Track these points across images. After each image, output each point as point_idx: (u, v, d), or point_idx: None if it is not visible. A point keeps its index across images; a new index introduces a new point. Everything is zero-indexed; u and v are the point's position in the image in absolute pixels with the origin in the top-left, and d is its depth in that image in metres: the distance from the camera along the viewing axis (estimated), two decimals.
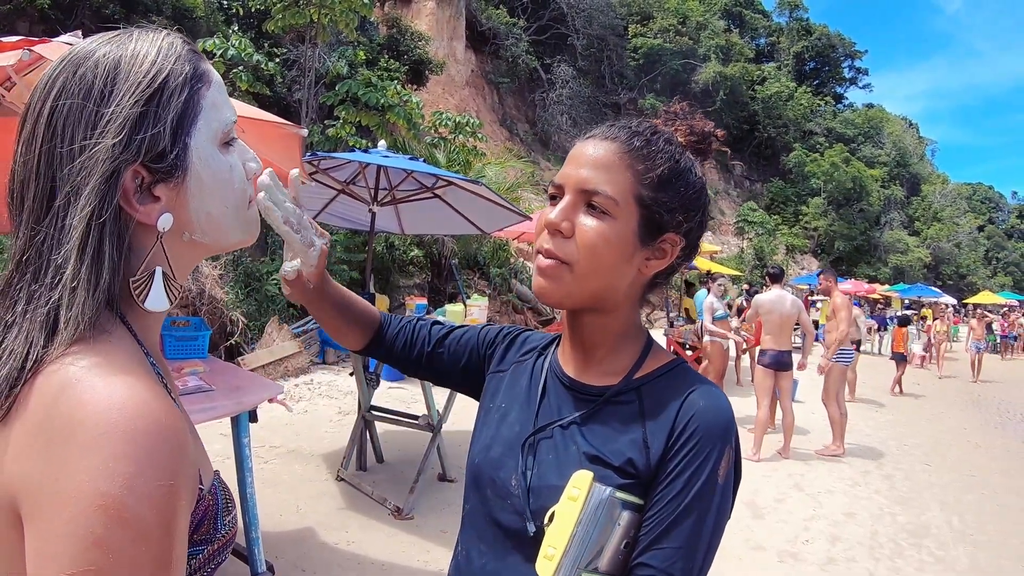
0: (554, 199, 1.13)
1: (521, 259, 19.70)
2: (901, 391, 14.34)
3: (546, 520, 1.05)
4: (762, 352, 7.97)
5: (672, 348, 12.52)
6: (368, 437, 6.14)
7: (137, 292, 0.86)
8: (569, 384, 1.20)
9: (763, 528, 5.71)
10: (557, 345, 1.31)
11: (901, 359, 14.53)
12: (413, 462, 5.78)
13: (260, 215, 1.05)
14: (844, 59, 63.97)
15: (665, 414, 1.08)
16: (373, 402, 6.05)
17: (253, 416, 3.76)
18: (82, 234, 0.78)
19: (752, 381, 10.74)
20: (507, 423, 1.24)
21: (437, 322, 1.53)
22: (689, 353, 12.28)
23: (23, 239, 0.81)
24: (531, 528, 1.08)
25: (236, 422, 3.65)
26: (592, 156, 1.11)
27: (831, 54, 62.38)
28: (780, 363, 7.75)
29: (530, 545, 1.07)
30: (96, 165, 0.79)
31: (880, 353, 23.15)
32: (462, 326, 1.51)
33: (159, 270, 0.87)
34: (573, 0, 37.69)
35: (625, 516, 1.03)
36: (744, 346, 12.83)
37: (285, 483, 5.65)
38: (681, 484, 1.03)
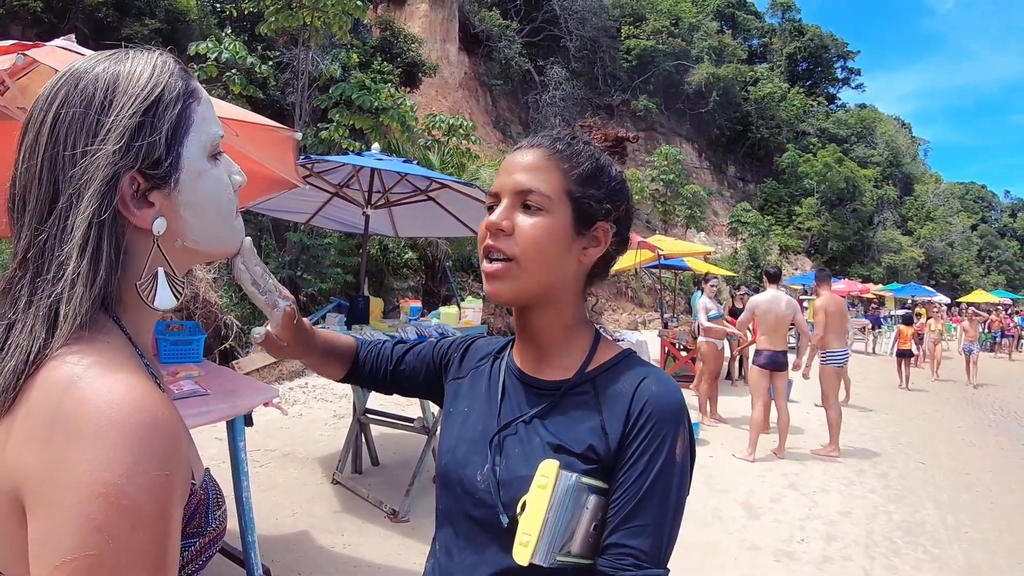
0: (492, 209, 1.22)
1: None
2: (907, 386, 15.24)
3: (519, 509, 1.11)
4: (758, 352, 7.97)
5: (667, 349, 12.56)
6: (363, 440, 6.14)
7: (145, 293, 0.91)
8: (526, 381, 1.28)
9: (758, 528, 5.72)
10: (511, 347, 1.39)
11: (908, 355, 15.33)
12: (408, 465, 5.78)
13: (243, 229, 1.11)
14: (837, 60, 64.16)
15: (620, 401, 1.16)
16: (368, 405, 6.06)
17: (248, 420, 3.76)
18: (84, 233, 0.82)
19: (746, 382, 10.76)
20: (470, 423, 1.30)
21: (401, 341, 1.65)
22: (684, 354, 12.30)
23: (26, 239, 0.85)
24: (504, 520, 1.14)
25: (232, 426, 3.64)
26: (522, 162, 1.21)
27: (824, 55, 62.56)
28: (775, 363, 7.76)
29: (505, 536, 1.13)
30: (98, 170, 0.83)
31: (875, 352, 23.20)
32: (424, 341, 1.62)
33: (161, 271, 0.92)
34: (566, 2, 37.70)
35: (592, 500, 1.11)
36: (739, 345, 12.82)
37: (281, 486, 5.65)
38: (642, 466, 1.10)
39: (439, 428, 1.46)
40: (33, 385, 0.79)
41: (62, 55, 2.67)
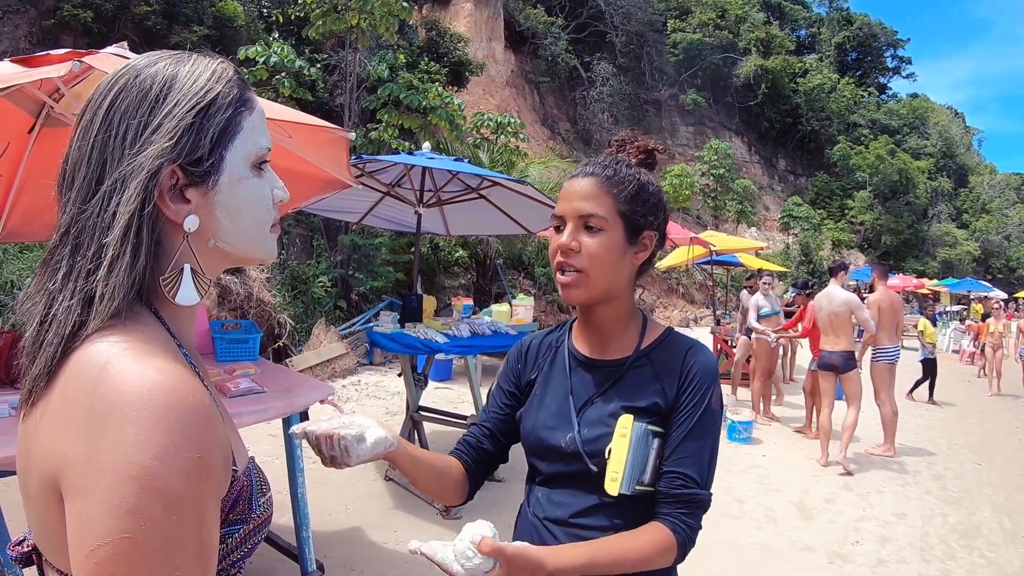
0: (558, 228, 1.54)
1: None
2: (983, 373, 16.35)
3: (606, 454, 1.48)
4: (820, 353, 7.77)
5: (719, 347, 12.44)
6: (416, 437, 6.19)
7: (168, 288, 0.94)
8: (592, 363, 1.62)
9: (812, 529, 5.66)
10: (568, 336, 1.72)
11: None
12: None
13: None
14: (886, 48, 62.53)
15: (673, 367, 1.55)
16: (421, 402, 6.10)
17: (304, 417, 3.81)
18: (127, 220, 0.86)
19: (792, 379, 10.50)
20: (544, 405, 1.64)
21: (480, 419, 1.83)
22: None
23: (69, 215, 0.89)
24: (593, 467, 1.49)
25: (288, 423, 3.70)
26: (580, 190, 1.52)
27: (873, 44, 61.03)
28: (828, 364, 7.45)
29: (593, 481, 1.50)
30: (146, 160, 0.88)
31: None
32: (488, 399, 1.86)
33: (187, 267, 0.96)
34: None
35: (656, 442, 1.50)
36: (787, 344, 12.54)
37: (334, 483, 5.72)
38: (689, 411, 1.50)
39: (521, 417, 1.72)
40: (69, 367, 0.82)
41: (116, 62, 2.73)
